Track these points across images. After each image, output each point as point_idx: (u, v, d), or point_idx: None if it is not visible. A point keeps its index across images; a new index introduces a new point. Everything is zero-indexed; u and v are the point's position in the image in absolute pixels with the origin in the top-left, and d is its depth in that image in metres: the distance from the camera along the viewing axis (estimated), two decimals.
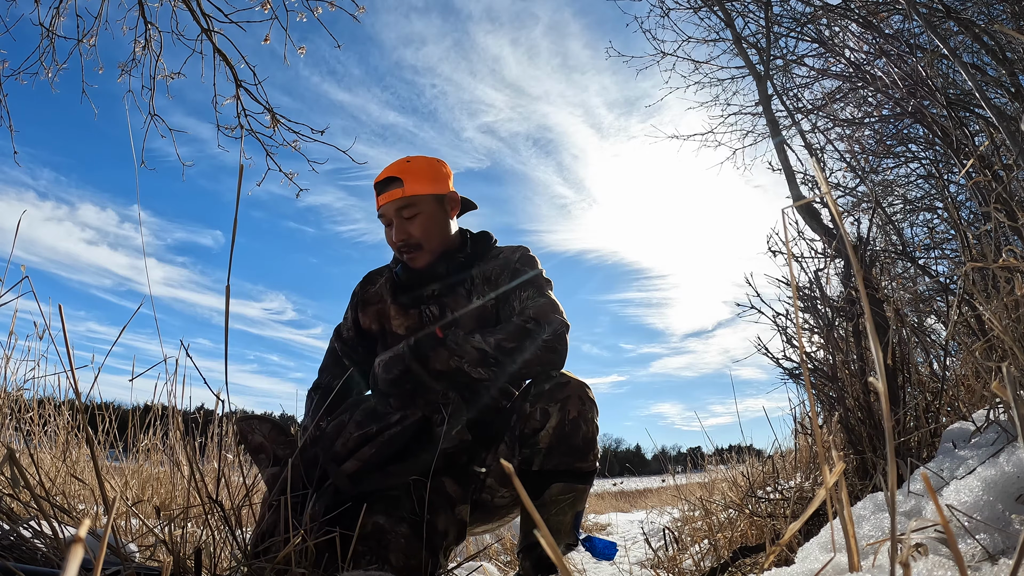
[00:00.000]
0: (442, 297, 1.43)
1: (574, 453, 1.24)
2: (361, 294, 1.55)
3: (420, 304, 1.44)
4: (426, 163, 1.44)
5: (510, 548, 2.75)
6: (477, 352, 1.24)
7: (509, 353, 1.25)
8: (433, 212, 1.42)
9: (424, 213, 1.40)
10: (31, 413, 2.20)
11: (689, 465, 4.49)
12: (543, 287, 1.39)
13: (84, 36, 3.12)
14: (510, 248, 1.48)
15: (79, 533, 0.22)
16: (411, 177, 1.40)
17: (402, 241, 1.40)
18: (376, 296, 1.52)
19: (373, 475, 1.12)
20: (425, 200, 1.41)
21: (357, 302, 1.55)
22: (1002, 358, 1.19)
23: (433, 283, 1.43)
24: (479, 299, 1.40)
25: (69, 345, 0.75)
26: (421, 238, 1.40)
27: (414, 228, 1.40)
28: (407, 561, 1.06)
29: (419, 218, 1.40)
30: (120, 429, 2.28)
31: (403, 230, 1.40)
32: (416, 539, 1.08)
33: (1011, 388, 0.54)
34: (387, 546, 1.06)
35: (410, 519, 1.09)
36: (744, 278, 1.82)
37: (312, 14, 2.90)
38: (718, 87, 3.62)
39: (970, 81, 1.61)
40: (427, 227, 1.41)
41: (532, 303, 1.34)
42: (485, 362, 1.24)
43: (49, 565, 0.85)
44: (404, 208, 1.39)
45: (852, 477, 1.44)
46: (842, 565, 0.67)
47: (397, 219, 1.40)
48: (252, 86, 3.10)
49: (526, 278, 1.39)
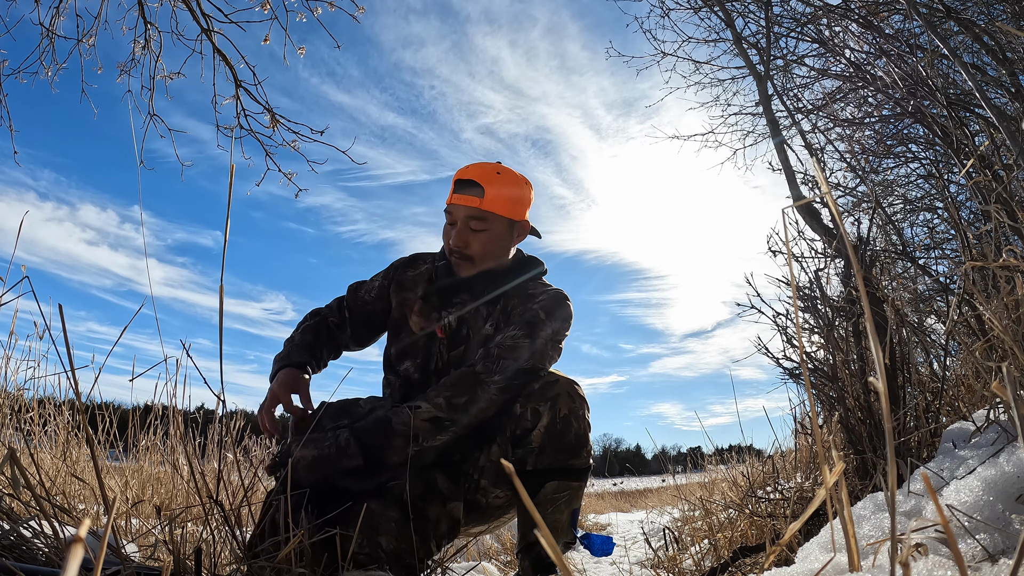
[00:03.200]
0: (463, 308, 1.39)
1: (567, 451, 1.24)
2: (401, 273, 1.49)
3: (443, 310, 1.40)
4: (514, 180, 1.38)
5: (510, 548, 2.75)
6: (430, 424, 1.17)
7: (461, 409, 1.19)
8: (501, 234, 1.37)
9: (491, 232, 1.36)
10: (31, 413, 2.20)
11: (689, 465, 4.49)
12: (535, 328, 1.29)
13: (84, 36, 3.12)
14: (545, 290, 1.40)
15: (79, 533, 0.22)
16: (494, 191, 1.34)
17: (459, 248, 1.35)
18: (411, 282, 1.47)
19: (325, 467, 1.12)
20: (498, 220, 1.35)
21: (394, 277, 1.49)
22: (1002, 358, 1.19)
23: (465, 295, 1.39)
24: (491, 327, 1.36)
25: (69, 345, 0.75)
26: (477, 253, 1.36)
27: (475, 241, 1.35)
28: (397, 544, 1.07)
29: (485, 235, 1.35)
30: (120, 429, 2.28)
31: (464, 238, 1.35)
32: (406, 523, 1.08)
33: (1011, 388, 0.54)
34: (377, 529, 1.06)
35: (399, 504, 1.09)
36: (744, 278, 1.82)
37: (312, 14, 2.90)
38: (718, 87, 3.62)
39: (970, 81, 1.61)
40: (488, 246, 1.36)
41: (504, 340, 1.27)
42: (440, 428, 1.18)
43: (49, 565, 0.85)
44: (475, 219, 1.34)
45: (852, 477, 1.44)
46: (842, 565, 0.67)
47: (463, 224, 1.35)
48: (252, 86, 3.10)
49: (526, 319, 1.32)
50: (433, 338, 1.39)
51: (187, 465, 2.04)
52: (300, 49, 2.98)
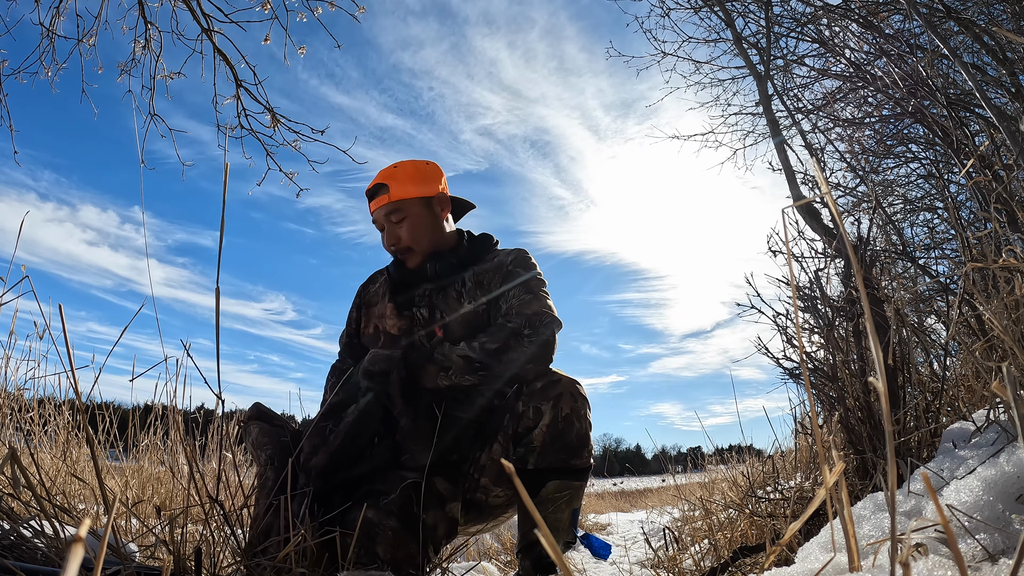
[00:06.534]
0: (432, 299, 1.43)
1: (568, 450, 1.25)
2: (364, 294, 1.57)
3: (412, 306, 1.45)
4: (412, 167, 1.47)
5: (510, 548, 2.75)
6: (463, 361, 1.25)
7: (494, 354, 1.25)
8: (420, 214, 1.45)
9: (411, 216, 1.43)
10: (31, 413, 2.20)
11: (689, 465, 4.49)
12: (534, 287, 1.39)
13: (84, 36, 3.12)
14: (507, 251, 1.49)
15: (79, 533, 0.22)
16: (397, 182, 1.43)
17: (393, 245, 1.44)
18: (375, 297, 1.54)
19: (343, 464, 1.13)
20: (412, 203, 1.44)
21: (360, 302, 1.56)
22: (1002, 358, 1.19)
23: (424, 283, 1.45)
24: (470, 303, 1.40)
25: (69, 345, 0.75)
26: (410, 241, 1.43)
27: (403, 231, 1.43)
28: (395, 553, 1.07)
29: (407, 222, 1.43)
30: (120, 429, 2.28)
31: (393, 234, 1.44)
32: (404, 532, 1.08)
33: (1011, 388, 0.54)
34: (375, 538, 1.06)
35: (398, 513, 1.10)
36: (744, 278, 1.82)
37: (312, 14, 2.90)
38: (719, 87, 3.62)
39: (970, 81, 1.61)
40: (415, 230, 1.44)
41: (518, 302, 1.35)
42: (471, 368, 1.25)
43: (49, 564, 0.85)
44: (392, 213, 1.43)
45: (852, 477, 1.44)
46: (842, 565, 0.67)
47: (387, 224, 1.44)
48: (252, 86, 3.11)
49: (518, 280, 1.40)
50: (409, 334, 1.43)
51: (187, 466, 2.04)
52: (300, 49, 2.98)
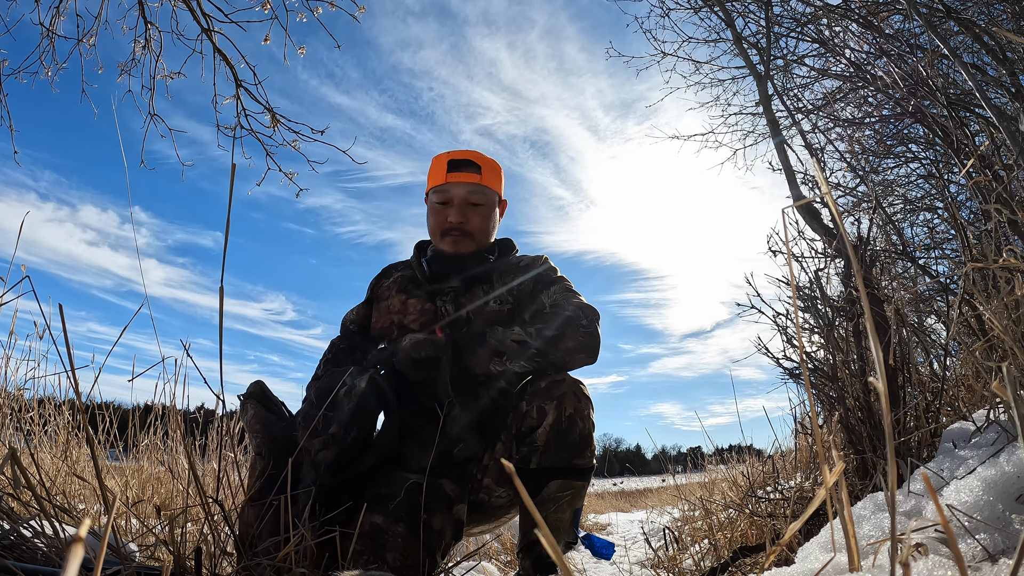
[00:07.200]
0: (459, 296, 1.41)
1: (571, 450, 1.24)
2: (376, 288, 1.55)
3: (436, 299, 1.43)
4: (496, 164, 1.49)
5: (510, 548, 2.75)
6: (519, 346, 1.23)
7: (551, 341, 1.24)
8: (494, 209, 1.47)
9: (488, 207, 1.44)
10: (31, 413, 2.20)
11: (689, 465, 4.49)
12: (569, 286, 1.40)
13: (84, 36, 3.12)
14: (530, 256, 1.50)
15: (79, 533, 0.22)
16: (488, 169, 1.44)
17: (459, 223, 1.41)
18: (387, 291, 1.51)
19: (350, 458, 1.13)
20: (494, 196, 1.46)
21: (372, 296, 1.54)
22: (1002, 358, 1.19)
23: (458, 274, 1.43)
24: (496, 303, 1.40)
25: (69, 345, 0.75)
26: (477, 228, 1.43)
27: (476, 216, 1.42)
28: (404, 560, 1.06)
29: (484, 209, 1.43)
30: (120, 429, 2.28)
31: (464, 214, 1.41)
32: (413, 538, 1.08)
33: (1011, 388, 0.54)
34: (384, 545, 1.06)
35: (407, 519, 1.09)
36: (744, 278, 1.82)
37: (312, 14, 2.90)
38: (718, 87, 3.62)
39: (970, 81, 1.61)
40: (486, 220, 1.44)
41: (563, 297, 1.35)
42: (527, 355, 1.23)
43: (49, 564, 0.85)
44: (476, 193, 1.42)
45: (852, 477, 1.44)
46: (842, 565, 0.67)
47: (462, 202, 1.41)
48: (252, 86, 3.10)
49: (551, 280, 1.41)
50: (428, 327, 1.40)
51: (187, 465, 2.04)
52: (300, 49, 2.98)
